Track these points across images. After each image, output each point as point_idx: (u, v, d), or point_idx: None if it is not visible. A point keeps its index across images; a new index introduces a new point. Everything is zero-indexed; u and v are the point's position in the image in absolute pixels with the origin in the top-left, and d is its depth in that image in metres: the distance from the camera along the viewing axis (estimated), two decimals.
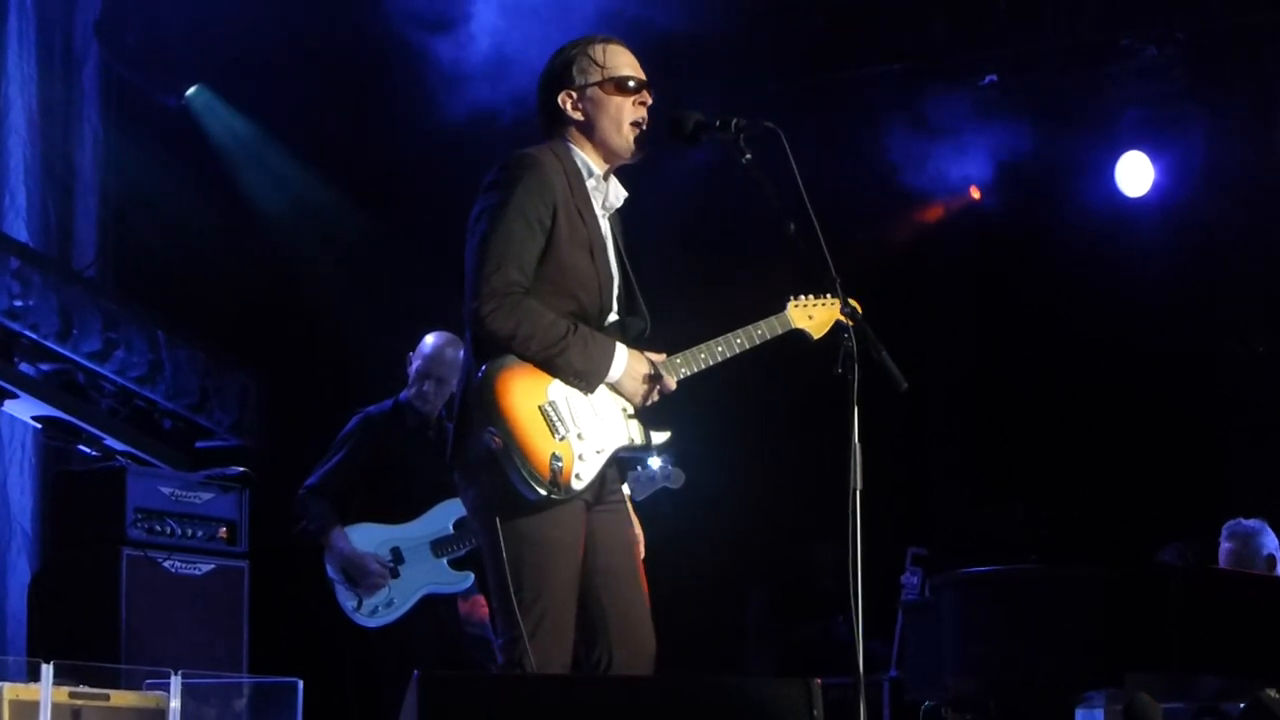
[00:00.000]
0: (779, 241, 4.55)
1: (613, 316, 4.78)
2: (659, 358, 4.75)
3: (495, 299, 4.54)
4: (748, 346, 4.85)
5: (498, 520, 4.55)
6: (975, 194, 10.39)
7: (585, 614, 4.67)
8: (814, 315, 4.92)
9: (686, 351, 4.79)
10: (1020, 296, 10.33)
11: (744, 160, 4.67)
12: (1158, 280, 9.89)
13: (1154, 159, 9.88)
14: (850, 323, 4.55)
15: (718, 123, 4.70)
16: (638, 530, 4.94)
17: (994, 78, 9.80)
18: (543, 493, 4.51)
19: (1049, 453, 10.00)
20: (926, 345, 9.99)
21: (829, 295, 4.86)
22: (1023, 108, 9.91)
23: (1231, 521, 8.00)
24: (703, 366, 4.79)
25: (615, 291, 4.79)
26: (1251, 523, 7.97)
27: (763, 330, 4.88)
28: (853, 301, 4.72)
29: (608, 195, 4.81)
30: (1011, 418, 10.25)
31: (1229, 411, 10.00)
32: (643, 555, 4.93)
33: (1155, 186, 9.91)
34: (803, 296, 4.93)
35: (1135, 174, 9.91)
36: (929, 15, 9.62)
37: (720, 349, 4.81)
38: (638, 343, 4.79)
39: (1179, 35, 9.38)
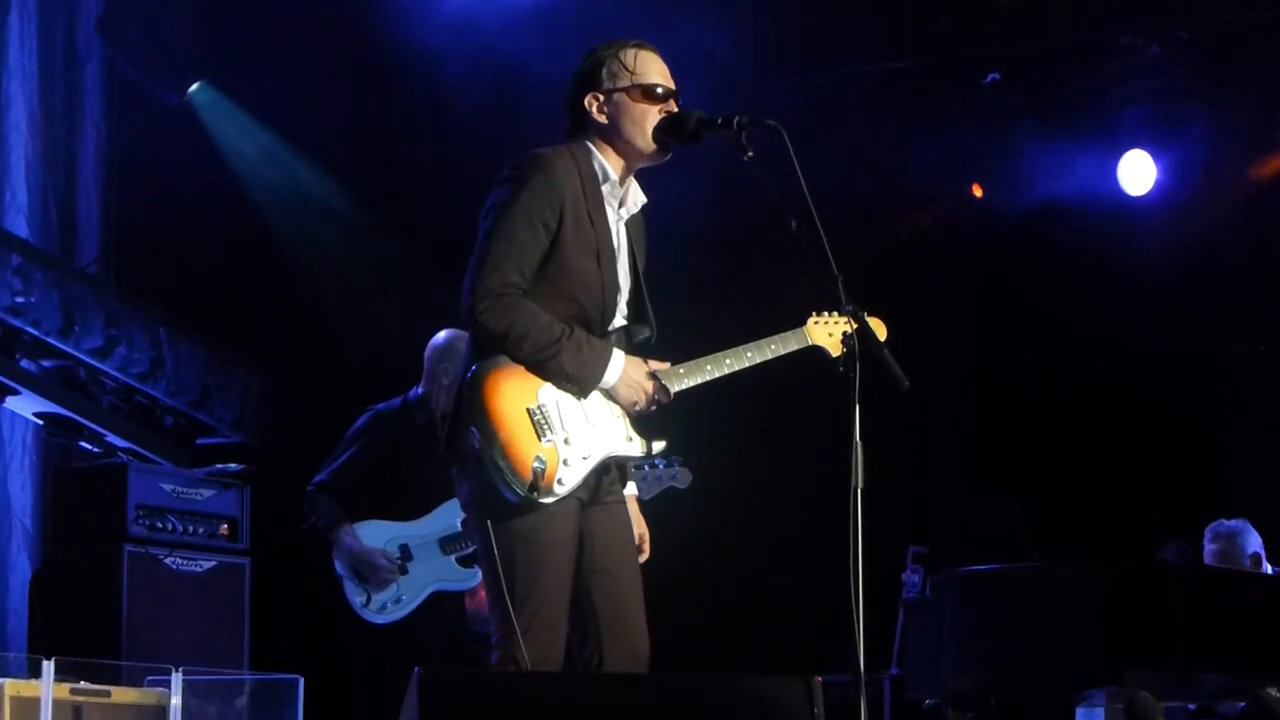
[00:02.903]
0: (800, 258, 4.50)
1: (619, 322, 4.76)
2: (661, 366, 4.73)
3: (489, 298, 4.54)
4: (757, 361, 4.79)
5: (489, 517, 4.56)
6: (977, 192, 10.39)
7: (579, 611, 4.66)
8: (834, 333, 4.80)
9: (691, 362, 4.74)
10: (1021, 295, 10.33)
11: (746, 158, 4.66)
12: (1159, 279, 9.88)
13: (1156, 157, 9.88)
14: (852, 322, 4.53)
15: (719, 120, 4.69)
16: (643, 529, 4.93)
17: (996, 76, 9.79)
18: (522, 494, 4.51)
19: (1050, 451, 9.99)
20: (927, 343, 9.99)
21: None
22: (1024, 106, 9.91)
23: (1214, 523, 8.03)
24: (706, 378, 4.74)
25: (624, 297, 4.77)
26: (1234, 523, 8.00)
27: (776, 345, 4.82)
28: (871, 323, 4.73)
29: (625, 200, 4.79)
30: (1012, 416, 10.25)
31: (1230, 410, 10.00)
32: (648, 554, 4.92)
33: (1157, 185, 9.90)
34: (825, 313, 4.84)
35: (1137, 172, 9.90)
36: (931, 13, 9.61)
37: (728, 361, 4.76)
38: (641, 350, 4.76)
39: (1181, 33, 9.37)
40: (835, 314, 4.83)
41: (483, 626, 6.65)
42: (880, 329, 4.90)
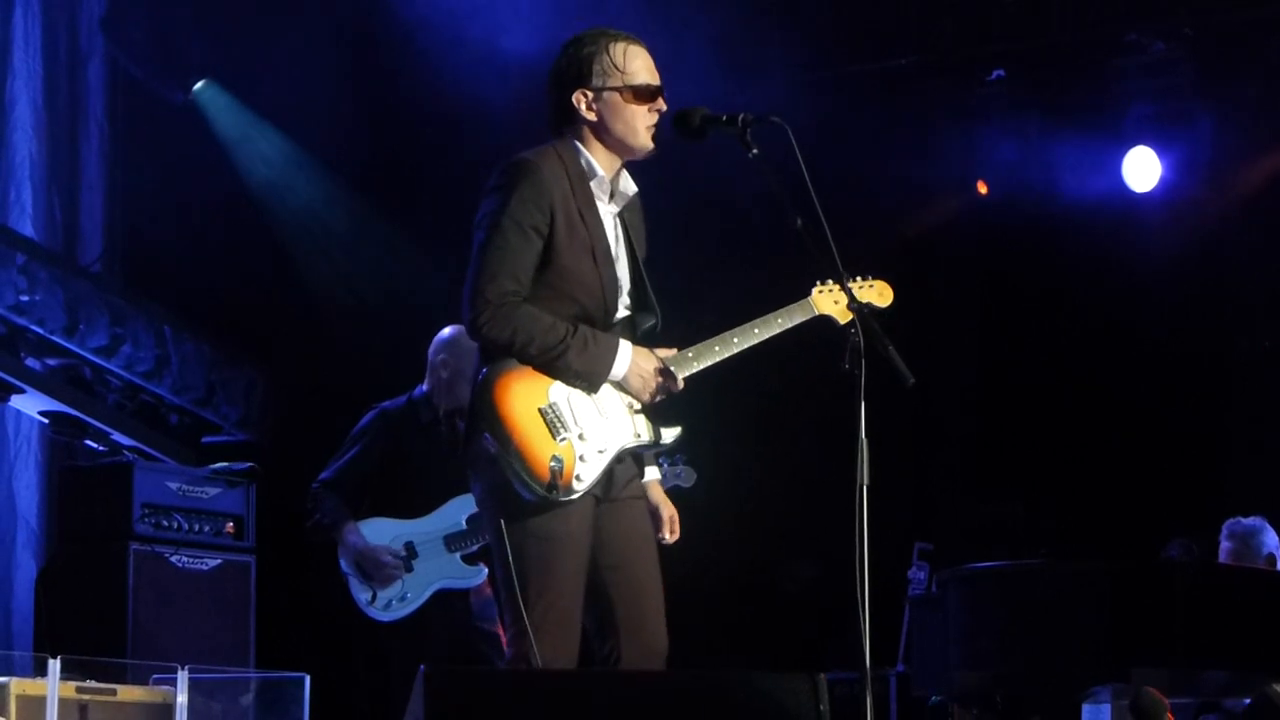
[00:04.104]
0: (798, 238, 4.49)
1: (622, 314, 4.75)
2: (669, 353, 4.72)
3: (489, 309, 4.55)
4: (765, 337, 4.76)
5: (502, 515, 4.57)
6: (982, 189, 10.38)
7: (596, 608, 4.67)
8: (840, 300, 4.76)
9: (699, 344, 4.72)
10: (1026, 292, 10.31)
11: (750, 155, 4.65)
12: (1164, 276, 9.86)
13: (1161, 154, 9.86)
14: (858, 319, 4.52)
15: (724, 117, 4.68)
16: (671, 511, 4.93)
17: (1001, 73, 9.78)
18: (542, 494, 4.52)
19: (1054, 448, 9.98)
20: (932, 340, 9.97)
21: (857, 279, 4.83)
22: (1029, 103, 9.90)
23: (1230, 520, 8.00)
24: (716, 359, 4.72)
25: (625, 289, 4.76)
26: (1250, 521, 7.98)
27: (782, 319, 4.79)
28: (876, 286, 4.80)
29: (615, 192, 4.77)
30: (1017, 412, 10.24)
31: (1235, 407, 9.98)
32: (678, 534, 4.92)
33: (1162, 182, 9.89)
34: (829, 282, 4.79)
35: (1142, 169, 9.89)
36: (935, 11, 9.61)
37: (735, 340, 4.74)
38: (647, 339, 4.76)
39: (1186, 30, 9.35)
40: (838, 282, 4.78)
41: (487, 624, 6.66)
42: (887, 292, 4.91)
